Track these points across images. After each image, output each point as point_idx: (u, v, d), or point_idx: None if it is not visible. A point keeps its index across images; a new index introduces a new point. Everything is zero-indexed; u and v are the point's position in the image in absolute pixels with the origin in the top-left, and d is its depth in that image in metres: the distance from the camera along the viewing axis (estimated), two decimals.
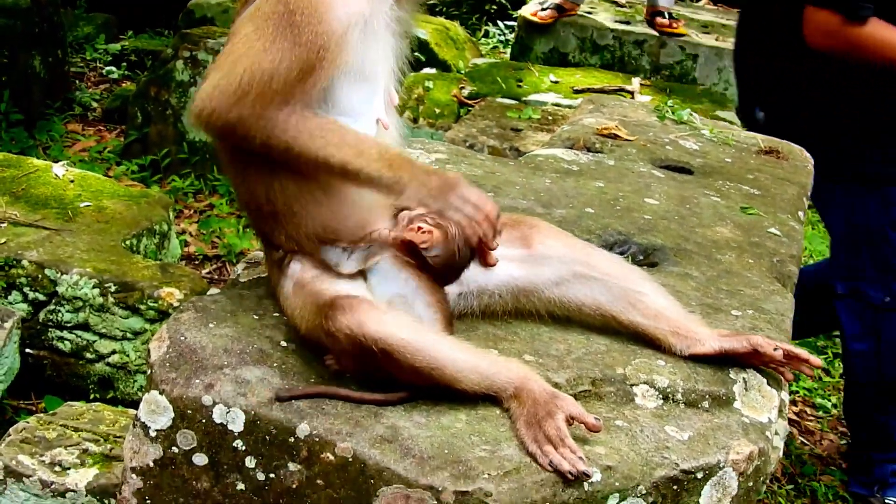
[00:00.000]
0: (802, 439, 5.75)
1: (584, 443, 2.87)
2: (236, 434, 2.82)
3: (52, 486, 3.88)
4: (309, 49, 2.92)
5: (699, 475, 2.91)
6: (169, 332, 3.00)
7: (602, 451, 2.85)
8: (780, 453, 3.27)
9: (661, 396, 3.11)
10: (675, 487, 2.88)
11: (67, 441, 4.07)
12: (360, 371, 2.94)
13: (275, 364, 2.96)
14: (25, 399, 5.23)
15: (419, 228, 3.10)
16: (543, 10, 9.17)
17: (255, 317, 3.16)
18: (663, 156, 4.94)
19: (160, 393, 2.86)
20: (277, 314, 3.17)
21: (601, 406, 3.04)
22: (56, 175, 5.98)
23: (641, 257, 3.93)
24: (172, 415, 2.86)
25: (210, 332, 3.04)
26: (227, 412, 2.82)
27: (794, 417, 5.87)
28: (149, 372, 2.93)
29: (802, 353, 3.28)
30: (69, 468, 3.95)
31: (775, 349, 3.23)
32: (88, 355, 5.20)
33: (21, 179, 5.91)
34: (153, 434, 2.87)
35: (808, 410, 6.01)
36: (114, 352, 5.19)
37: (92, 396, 5.19)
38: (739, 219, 4.32)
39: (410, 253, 3.11)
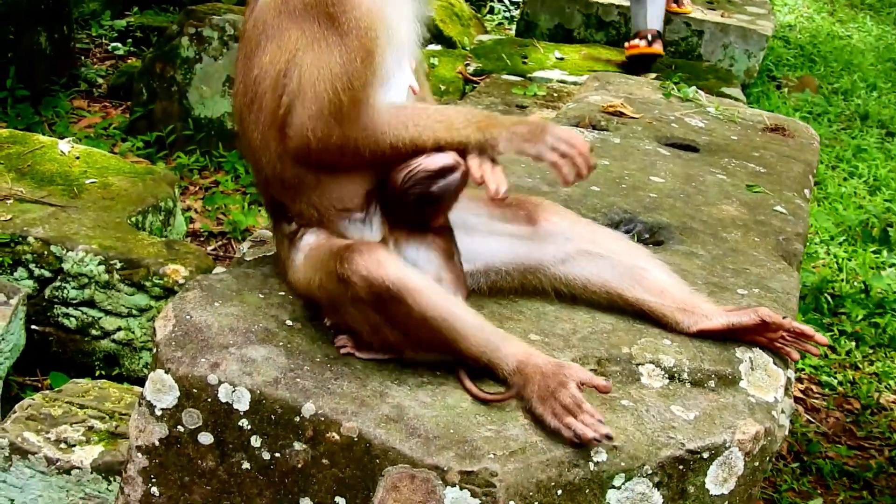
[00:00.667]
0: (808, 417, 5.73)
1: None
2: (242, 413, 2.82)
3: (58, 464, 3.88)
4: (357, 34, 2.95)
5: (705, 455, 2.91)
6: (174, 311, 3.00)
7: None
8: (787, 431, 3.26)
9: (666, 376, 3.11)
10: (680, 467, 2.88)
11: (73, 418, 4.07)
12: (371, 328, 2.94)
13: (280, 343, 2.96)
14: (31, 376, 5.22)
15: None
16: None
17: (261, 296, 3.16)
18: (669, 133, 4.93)
19: (166, 372, 2.86)
20: (283, 293, 3.16)
21: None
22: (61, 152, 5.96)
23: (647, 236, 3.92)
24: (178, 394, 2.86)
25: (216, 310, 3.04)
26: (233, 391, 2.82)
27: (800, 395, 5.86)
28: (154, 351, 2.92)
29: (808, 329, 3.28)
30: (74, 445, 3.95)
31: (784, 316, 3.23)
32: (94, 332, 5.19)
33: (27, 156, 5.89)
34: (159, 413, 2.87)
35: (814, 388, 5.99)
36: (119, 328, 5.18)
37: (97, 373, 5.18)
38: (745, 197, 4.31)
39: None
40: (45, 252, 5.15)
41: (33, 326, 5.16)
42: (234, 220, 6.70)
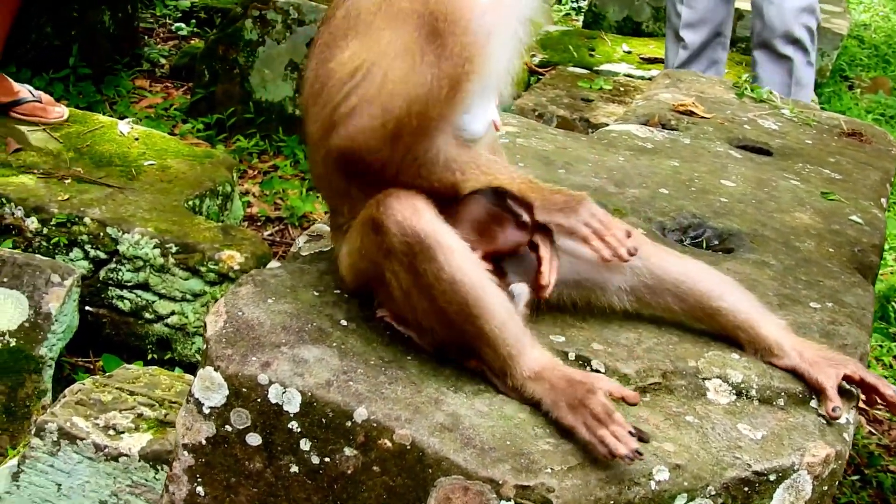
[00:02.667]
0: (870, 428, 5.59)
1: (652, 439, 2.75)
2: (292, 415, 2.73)
3: (106, 450, 3.82)
4: (455, 63, 2.78)
5: (772, 477, 2.79)
6: (226, 307, 2.91)
7: (671, 449, 2.73)
8: (850, 445, 3.12)
9: (734, 392, 2.99)
10: (745, 489, 2.76)
11: (122, 405, 4.01)
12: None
13: (334, 344, 2.86)
14: (84, 357, 5.18)
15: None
16: None
17: (316, 293, 3.06)
18: (741, 135, 4.79)
19: (215, 369, 2.77)
20: (339, 291, 3.06)
21: (671, 400, 2.92)
22: (121, 132, 5.92)
23: (716, 242, 3.79)
24: (227, 392, 2.77)
25: (268, 307, 2.95)
26: (283, 392, 2.73)
27: (863, 406, 5.71)
28: (204, 347, 2.84)
29: (881, 384, 3.13)
30: (123, 432, 3.88)
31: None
32: (147, 315, 5.15)
33: (86, 136, 5.85)
34: (207, 411, 2.79)
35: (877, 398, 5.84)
36: (173, 313, 5.13)
37: (150, 357, 5.14)
38: (819, 204, 4.17)
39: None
40: (101, 233, 5.11)
41: (87, 308, 5.13)
42: (292, 206, 6.63)
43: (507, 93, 3.07)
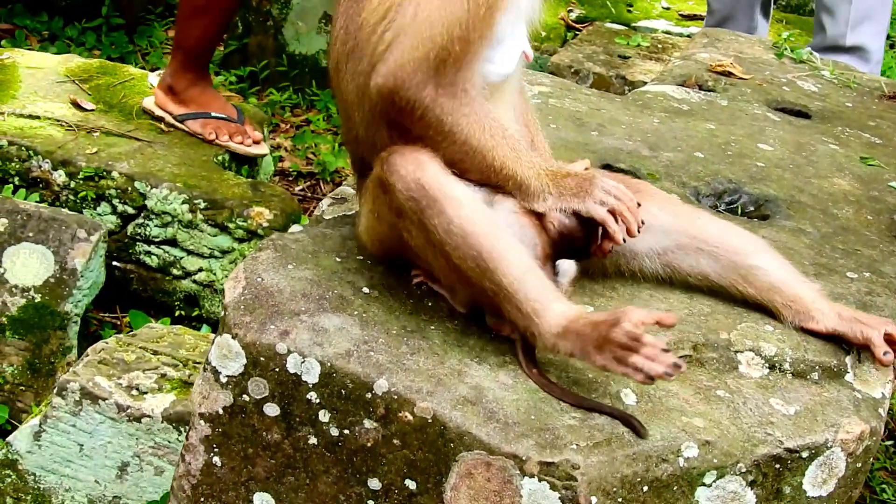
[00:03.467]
0: None
1: (682, 414, 2.67)
2: (311, 386, 2.66)
3: (128, 411, 3.77)
4: None
5: (804, 454, 2.71)
6: (245, 273, 2.84)
7: (701, 424, 2.66)
8: (885, 421, 3.04)
9: (767, 365, 2.90)
10: (777, 466, 2.68)
11: (146, 364, 3.96)
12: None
13: (355, 312, 2.79)
14: (110, 313, 5.15)
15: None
16: None
17: (338, 259, 2.98)
18: (779, 97, 4.68)
19: (233, 337, 2.71)
20: (361, 257, 2.99)
21: (702, 373, 2.84)
22: (151, 85, 5.84)
23: (752, 208, 3.70)
24: (245, 361, 2.70)
25: (288, 274, 2.87)
26: (302, 362, 2.66)
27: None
28: (222, 314, 2.77)
29: None
30: (146, 393, 3.84)
31: (885, 353, 2.98)
32: (175, 271, 5.11)
33: (116, 88, 5.78)
34: (224, 380, 2.72)
35: None
36: (200, 269, 5.09)
37: (177, 313, 5.11)
38: (859, 170, 4.06)
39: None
40: (129, 188, 5.07)
41: (114, 263, 5.10)
42: (324, 161, 6.57)
43: (536, 19, 2.97)
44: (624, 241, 2.85)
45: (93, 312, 5.02)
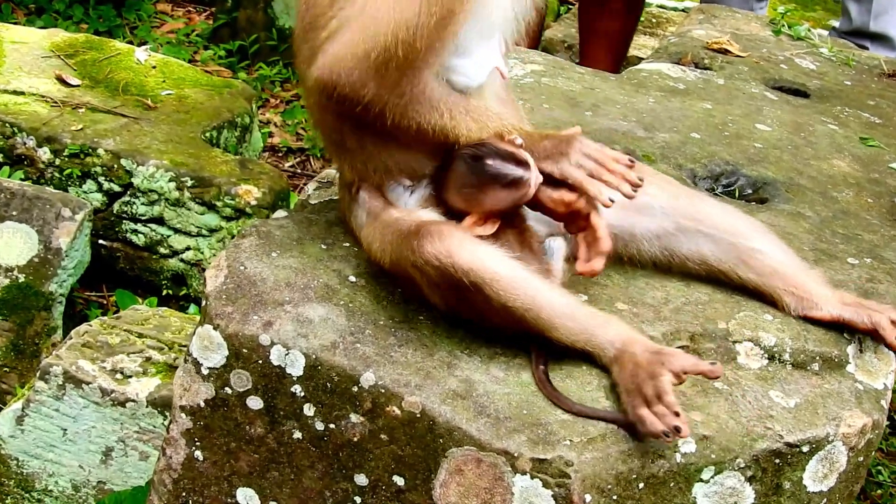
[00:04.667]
0: None
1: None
2: (295, 378, 2.58)
3: (112, 395, 3.71)
4: None
5: (805, 449, 2.64)
6: (227, 261, 2.75)
7: (698, 419, 2.58)
8: (887, 413, 2.96)
9: (766, 356, 2.82)
10: (776, 461, 2.61)
11: (130, 347, 3.89)
12: (451, 308, 2.67)
13: (341, 302, 2.70)
14: (96, 292, 5.08)
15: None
16: None
17: (324, 246, 2.89)
18: (777, 75, 4.59)
19: (214, 328, 2.62)
20: (348, 244, 2.90)
21: None
22: (137, 60, 5.75)
23: (750, 191, 3.61)
24: (227, 353, 2.62)
25: (272, 262, 2.79)
26: (286, 354, 2.58)
27: None
28: (203, 303, 2.68)
29: None
30: (131, 377, 3.77)
31: None
32: (162, 250, 5.03)
33: (102, 63, 5.69)
34: (205, 372, 2.64)
35: None
36: (188, 248, 5.02)
37: (164, 293, 5.03)
38: (858, 151, 3.98)
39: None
40: (115, 165, 4.99)
41: (101, 241, 5.02)
42: (314, 137, 6.48)
43: (512, 39, 2.86)
44: (612, 202, 2.68)
45: (78, 292, 4.95)
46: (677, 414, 2.46)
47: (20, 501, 3.82)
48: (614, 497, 2.46)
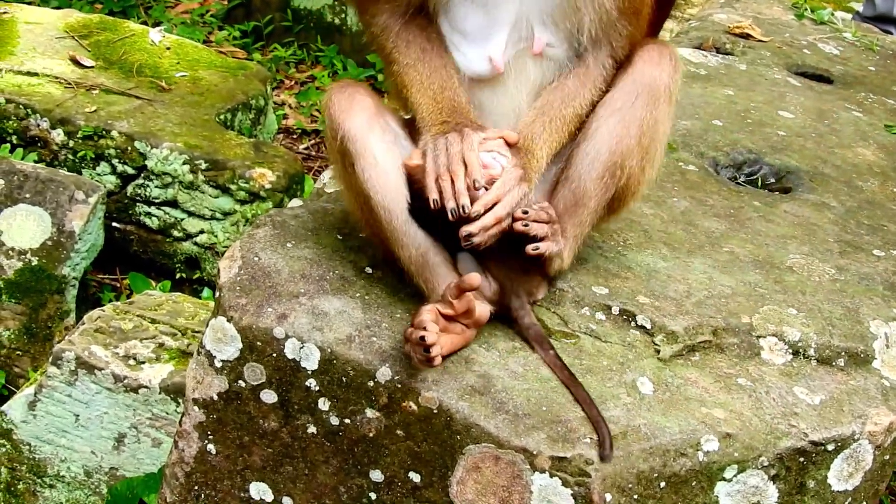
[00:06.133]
0: None
1: (701, 404, 2.53)
2: (310, 372, 2.52)
3: (125, 381, 3.67)
4: None
5: (830, 447, 2.58)
6: (242, 251, 2.70)
7: (721, 416, 2.52)
8: None
9: (790, 351, 2.76)
10: (801, 460, 2.55)
11: (143, 333, 3.85)
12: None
13: (357, 294, 2.65)
14: (110, 274, 5.05)
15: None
16: None
17: (340, 237, 2.84)
18: (800, 61, 4.52)
19: (228, 320, 2.57)
20: (364, 234, 2.84)
21: (722, 360, 2.70)
22: (152, 41, 5.70)
23: (773, 180, 3.55)
24: (240, 345, 2.57)
25: (287, 252, 2.73)
26: (301, 347, 2.52)
27: None
28: (217, 295, 2.63)
29: None
30: (144, 363, 3.73)
31: None
32: (176, 233, 5.00)
33: (116, 44, 5.64)
34: (218, 365, 2.59)
35: None
36: (202, 231, 4.98)
37: (178, 276, 5.01)
38: (884, 139, 3.91)
39: None
40: (129, 148, 4.95)
41: (114, 224, 4.99)
42: None
43: (538, 41, 2.67)
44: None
45: (92, 275, 4.92)
46: (424, 328, 2.39)
47: (32, 486, 3.79)
48: (635, 496, 2.40)
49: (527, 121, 2.65)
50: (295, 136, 6.46)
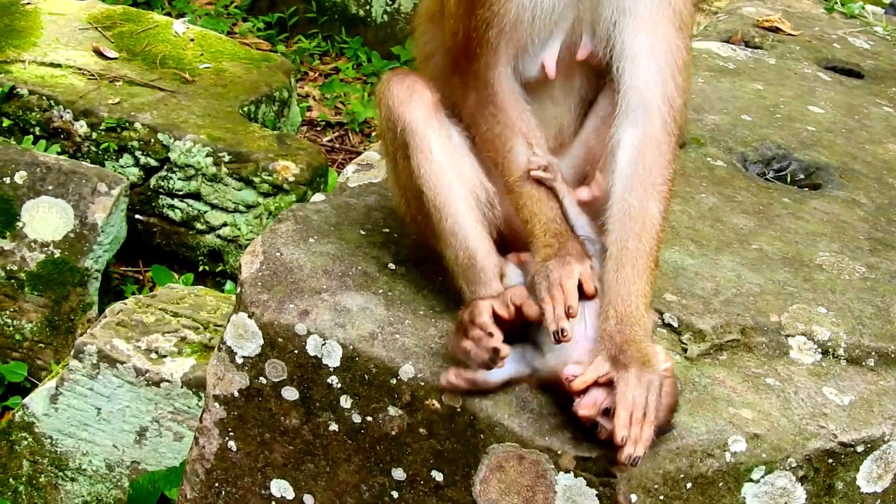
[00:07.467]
0: None
1: (729, 404, 2.49)
2: (331, 369, 2.50)
3: (147, 375, 3.67)
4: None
5: (859, 448, 2.53)
6: (263, 246, 2.67)
7: (749, 416, 2.48)
8: None
9: (820, 351, 2.71)
10: (829, 461, 2.51)
11: (166, 327, 3.84)
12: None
13: (380, 290, 2.62)
14: (133, 267, 5.04)
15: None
16: None
17: (363, 232, 2.81)
18: (830, 55, 4.47)
19: (249, 316, 2.54)
20: (388, 230, 2.81)
21: (751, 359, 2.66)
22: (176, 33, 5.70)
23: (802, 176, 3.50)
24: (262, 342, 2.54)
25: (309, 248, 2.70)
26: (323, 344, 2.50)
27: None
28: (238, 290, 2.60)
29: None
30: (166, 356, 3.72)
31: None
32: (199, 226, 4.99)
33: (139, 35, 5.63)
34: (240, 361, 2.56)
35: None
36: (225, 224, 4.97)
37: (201, 268, 5.00)
38: None
39: None
40: (152, 140, 4.95)
41: (137, 216, 4.99)
42: (353, 111, 6.43)
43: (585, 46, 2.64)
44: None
45: (114, 267, 4.91)
46: (491, 335, 2.35)
47: (54, 480, 3.79)
48: (661, 497, 2.37)
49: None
50: (319, 129, 6.45)
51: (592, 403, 2.29)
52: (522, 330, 2.45)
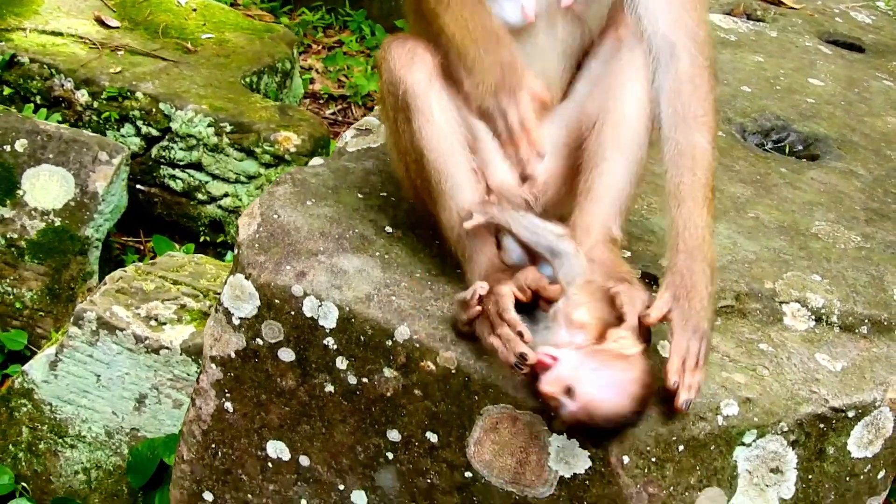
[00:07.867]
0: None
1: (722, 369, 2.51)
2: (328, 331, 2.51)
3: (146, 342, 3.66)
4: None
5: (850, 413, 2.56)
6: (261, 209, 2.68)
7: (741, 380, 2.50)
8: None
9: (813, 317, 2.73)
10: (821, 426, 2.53)
11: (165, 294, 3.84)
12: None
13: (377, 252, 2.64)
14: (133, 237, 5.04)
15: None
16: None
17: (360, 196, 2.82)
18: (832, 29, 4.47)
19: (246, 277, 2.56)
20: (385, 193, 2.82)
21: (744, 325, 2.68)
22: (178, 2, 5.69)
23: (800, 147, 3.51)
24: (258, 303, 2.55)
25: (307, 210, 2.72)
26: (319, 306, 2.51)
27: None
28: (235, 252, 2.62)
29: None
30: (165, 323, 3.72)
31: None
32: (200, 196, 4.99)
33: (141, 5, 5.63)
34: (236, 322, 2.58)
35: None
36: (226, 194, 4.97)
37: (202, 239, 5.00)
38: None
39: None
40: (154, 109, 4.94)
41: (138, 186, 4.98)
42: (356, 84, 6.42)
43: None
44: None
45: (115, 237, 4.91)
46: (521, 334, 2.35)
47: (53, 447, 3.80)
48: (653, 459, 2.39)
49: None
50: (321, 101, 6.44)
51: (555, 380, 2.30)
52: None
